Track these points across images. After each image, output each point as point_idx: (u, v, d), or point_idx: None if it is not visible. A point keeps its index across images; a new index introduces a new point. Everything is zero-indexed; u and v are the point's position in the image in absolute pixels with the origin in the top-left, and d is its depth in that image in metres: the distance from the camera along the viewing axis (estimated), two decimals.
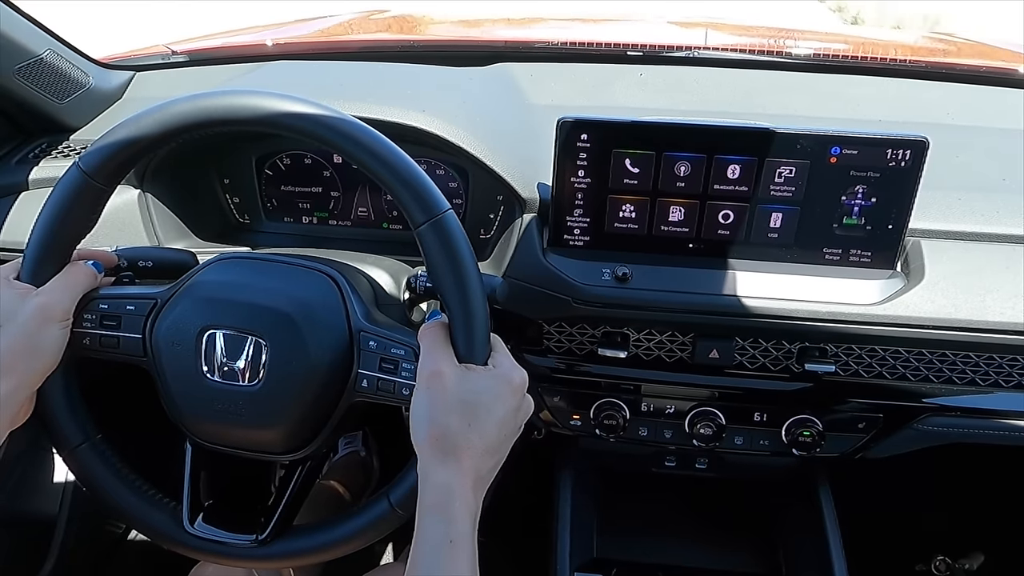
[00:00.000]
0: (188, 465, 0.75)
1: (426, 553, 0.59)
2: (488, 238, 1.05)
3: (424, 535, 0.60)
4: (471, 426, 0.62)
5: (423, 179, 0.65)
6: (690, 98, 1.15)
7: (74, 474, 0.75)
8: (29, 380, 0.66)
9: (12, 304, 0.65)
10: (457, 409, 0.62)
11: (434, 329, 0.66)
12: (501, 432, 0.64)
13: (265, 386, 0.68)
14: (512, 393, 0.65)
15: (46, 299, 0.67)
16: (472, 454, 0.62)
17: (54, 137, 1.09)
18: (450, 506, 0.60)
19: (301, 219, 1.10)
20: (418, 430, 0.63)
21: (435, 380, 0.63)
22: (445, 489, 0.60)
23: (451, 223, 0.65)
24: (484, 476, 0.63)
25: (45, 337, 0.66)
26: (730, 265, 0.88)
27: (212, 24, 1.88)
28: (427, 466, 0.62)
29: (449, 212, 0.65)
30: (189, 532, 0.73)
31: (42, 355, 0.66)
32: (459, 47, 1.35)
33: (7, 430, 0.66)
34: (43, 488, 1.23)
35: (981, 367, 0.88)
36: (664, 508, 1.24)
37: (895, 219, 0.84)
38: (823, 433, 0.94)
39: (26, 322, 0.65)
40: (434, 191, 0.65)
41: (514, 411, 0.65)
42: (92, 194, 0.68)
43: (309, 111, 0.65)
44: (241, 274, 0.73)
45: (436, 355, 0.64)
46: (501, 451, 0.65)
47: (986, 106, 1.17)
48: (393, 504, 0.70)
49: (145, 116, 0.66)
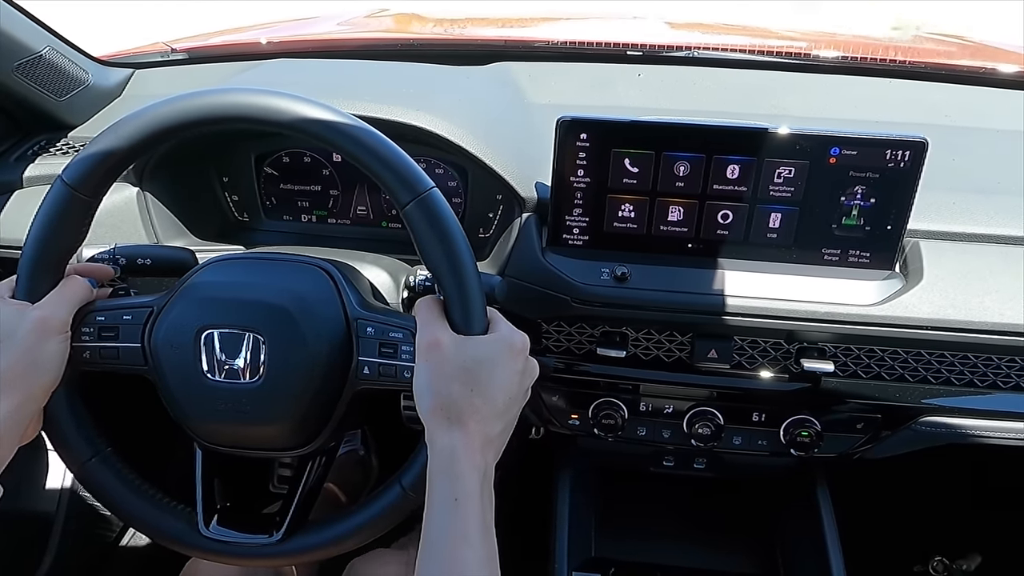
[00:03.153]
0: (199, 469, 0.75)
1: (433, 514, 0.60)
2: (487, 237, 1.05)
3: (431, 498, 0.60)
4: (474, 391, 0.62)
5: (405, 160, 0.65)
6: (690, 98, 1.15)
7: (86, 488, 0.75)
8: (34, 395, 0.66)
9: (10, 320, 0.65)
10: (458, 376, 0.62)
11: (429, 303, 0.66)
12: (506, 395, 0.64)
13: (266, 382, 0.68)
14: (513, 356, 0.65)
15: (43, 313, 0.66)
16: (478, 419, 0.62)
17: (53, 134, 1.09)
18: (454, 466, 0.60)
19: (300, 217, 1.10)
20: (422, 401, 0.63)
21: (434, 350, 0.63)
22: (449, 451, 0.60)
23: (436, 199, 0.65)
24: (493, 439, 0.63)
25: (45, 351, 0.66)
26: (729, 265, 0.88)
27: (213, 23, 1.88)
28: (433, 434, 0.62)
29: (434, 189, 0.65)
30: (205, 536, 0.73)
31: (44, 369, 0.66)
32: (459, 46, 1.35)
33: (16, 446, 0.65)
34: (40, 488, 1.23)
35: (979, 368, 0.88)
36: (662, 508, 1.25)
37: (894, 220, 0.84)
38: (821, 433, 0.94)
39: (25, 337, 0.65)
40: (416, 170, 0.65)
41: (518, 374, 0.65)
42: (79, 207, 0.68)
43: (288, 103, 0.65)
44: (235, 273, 0.73)
45: (433, 326, 0.64)
46: (509, 414, 0.65)
47: (985, 107, 1.17)
48: (405, 488, 0.70)
49: (124, 124, 0.66)
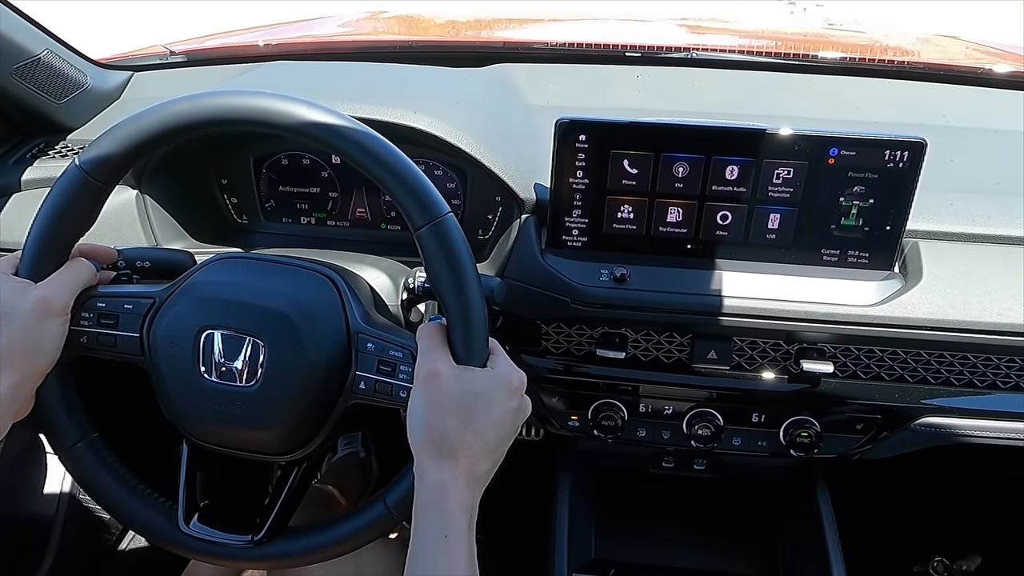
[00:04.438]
0: (184, 465, 0.75)
1: (422, 549, 0.59)
2: (486, 239, 1.05)
3: (420, 532, 0.60)
4: (467, 427, 0.62)
5: (423, 181, 0.65)
6: (688, 99, 1.15)
7: (70, 472, 0.75)
8: (31, 374, 0.66)
9: (12, 298, 0.65)
10: (454, 410, 0.62)
11: (432, 330, 0.66)
12: (498, 433, 0.64)
13: (263, 387, 0.68)
14: (510, 395, 0.65)
15: (45, 292, 0.66)
16: (468, 454, 0.62)
17: (52, 137, 1.09)
18: (444, 502, 0.60)
19: (299, 219, 1.09)
20: (415, 432, 0.63)
21: (432, 380, 0.63)
22: (439, 486, 0.60)
23: (451, 226, 0.65)
24: (480, 476, 0.63)
25: (45, 331, 0.66)
26: (728, 266, 0.88)
27: (211, 24, 1.88)
28: (423, 465, 0.62)
29: (449, 215, 0.65)
30: (184, 532, 0.73)
31: (42, 350, 0.66)
32: (457, 48, 1.35)
33: (9, 424, 0.66)
34: (40, 490, 1.23)
35: (979, 368, 0.88)
36: (662, 509, 1.25)
37: (893, 220, 0.84)
38: (821, 434, 0.94)
39: (26, 316, 0.65)
40: (434, 194, 0.65)
41: (512, 412, 0.65)
42: (91, 192, 0.68)
43: (309, 111, 0.65)
44: (239, 274, 0.73)
45: (434, 355, 0.64)
46: (498, 452, 0.65)
47: (984, 108, 1.17)
48: (389, 506, 0.70)
49: (145, 115, 0.66)
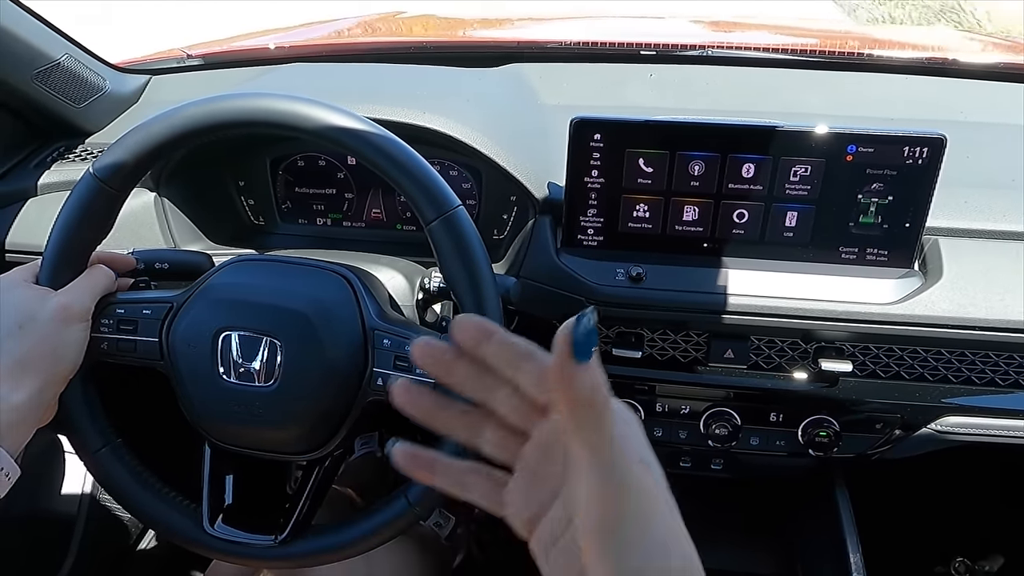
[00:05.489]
0: (207, 467, 0.76)
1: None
2: (501, 239, 1.05)
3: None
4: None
5: (433, 176, 0.65)
6: (704, 97, 1.15)
7: (95, 478, 0.76)
8: (53, 381, 0.67)
9: (32, 305, 0.66)
10: None
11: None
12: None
13: (281, 386, 0.68)
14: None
15: (66, 299, 0.67)
16: None
17: (71, 141, 1.10)
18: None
19: (315, 220, 1.10)
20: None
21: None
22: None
23: (462, 219, 0.65)
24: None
25: (66, 337, 0.67)
26: (745, 264, 0.87)
27: (227, 28, 1.89)
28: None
29: (460, 208, 0.65)
30: (209, 533, 0.74)
31: (64, 355, 0.67)
32: (471, 48, 1.35)
33: (34, 430, 0.66)
34: (61, 490, 1.24)
35: (1001, 367, 0.87)
36: (679, 508, 1.24)
37: (912, 217, 0.83)
38: (840, 434, 0.93)
39: (47, 322, 0.66)
40: (444, 187, 0.65)
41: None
42: (106, 199, 0.69)
43: (319, 111, 0.65)
44: (255, 276, 0.73)
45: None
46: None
47: (1003, 102, 1.15)
48: (411, 502, 0.71)
49: (156, 121, 0.67)
